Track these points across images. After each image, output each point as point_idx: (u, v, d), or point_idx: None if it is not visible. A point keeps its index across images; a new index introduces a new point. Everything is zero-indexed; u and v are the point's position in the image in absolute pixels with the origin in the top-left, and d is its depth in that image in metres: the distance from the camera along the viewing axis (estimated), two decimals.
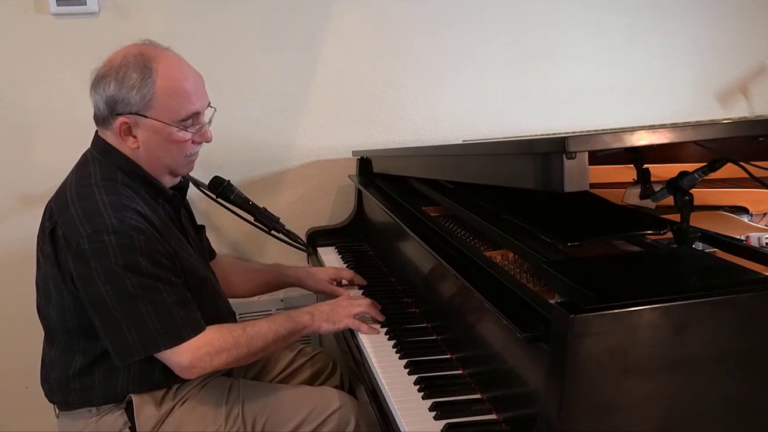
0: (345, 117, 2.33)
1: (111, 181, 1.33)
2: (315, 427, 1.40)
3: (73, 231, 1.24)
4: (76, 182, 1.34)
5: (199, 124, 1.39)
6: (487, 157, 1.25)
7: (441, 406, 1.15)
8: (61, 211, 1.29)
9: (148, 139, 1.34)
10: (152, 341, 1.25)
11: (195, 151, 1.43)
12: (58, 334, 1.38)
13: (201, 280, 1.42)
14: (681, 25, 2.53)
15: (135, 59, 1.31)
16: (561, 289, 1.10)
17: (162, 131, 1.34)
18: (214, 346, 1.29)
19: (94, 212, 1.25)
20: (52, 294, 1.34)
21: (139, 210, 1.30)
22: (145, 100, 1.30)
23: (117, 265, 1.22)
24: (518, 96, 2.46)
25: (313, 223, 2.30)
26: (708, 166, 1.13)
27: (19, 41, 2.05)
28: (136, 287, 1.23)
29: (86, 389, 1.36)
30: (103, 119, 1.35)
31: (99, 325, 1.26)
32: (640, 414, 0.89)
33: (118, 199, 1.29)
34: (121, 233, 1.23)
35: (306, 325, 1.42)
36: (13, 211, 2.13)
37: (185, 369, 1.28)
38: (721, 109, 2.63)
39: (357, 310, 1.48)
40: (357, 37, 2.29)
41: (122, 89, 1.30)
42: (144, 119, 1.32)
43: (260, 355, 1.39)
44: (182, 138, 1.36)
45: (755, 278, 0.99)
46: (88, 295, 1.25)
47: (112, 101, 1.31)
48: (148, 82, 1.30)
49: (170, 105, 1.32)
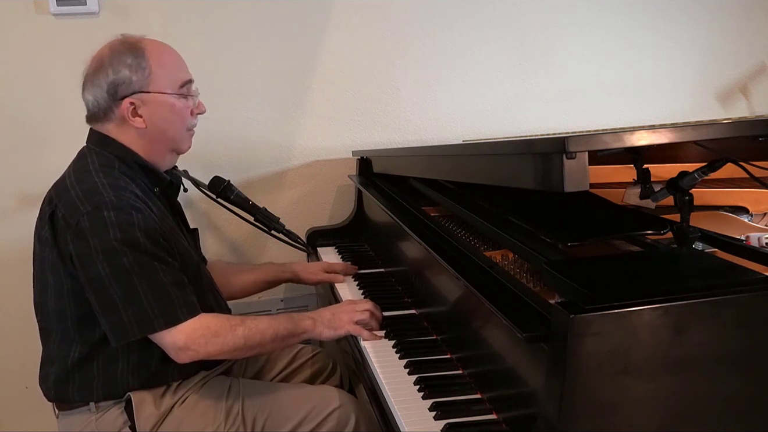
0: (345, 117, 2.33)
1: (109, 168, 1.37)
2: (315, 426, 1.40)
3: (73, 210, 1.27)
4: (75, 171, 1.38)
5: (192, 94, 1.47)
6: (487, 157, 1.25)
7: (441, 406, 1.15)
8: (60, 196, 1.32)
9: (154, 114, 1.40)
10: (148, 321, 1.26)
11: (194, 124, 1.50)
12: (54, 325, 1.38)
13: (196, 266, 1.45)
14: (681, 25, 2.54)
15: (122, 45, 1.39)
16: (561, 289, 1.11)
17: (165, 103, 1.41)
18: (210, 329, 1.30)
19: (94, 191, 1.29)
20: (49, 282, 1.35)
21: (137, 193, 1.34)
22: (145, 76, 1.38)
23: (116, 240, 1.24)
24: (518, 96, 2.46)
25: (313, 223, 2.30)
26: (708, 166, 1.13)
27: (19, 41, 2.05)
28: (133, 264, 1.25)
29: (85, 380, 1.36)
30: (104, 111, 1.40)
31: (96, 305, 1.28)
32: (640, 414, 0.89)
33: (116, 181, 1.33)
34: (120, 209, 1.26)
35: (307, 329, 1.43)
36: (13, 211, 2.13)
37: (180, 350, 1.28)
38: (721, 109, 2.63)
39: (359, 317, 1.48)
40: (357, 37, 2.29)
41: (121, 72, 1.37)
42: (147, 95, 1.39)
43: (256, 351, 1.39)
44: (184, 106, 1.44)
45: (755, 278, 0.99)
46: (86, 273, 1.26)
47: (113, 87, 1.37)
48: (142, 60, 1.38)
49: (167, 76, 1.41)
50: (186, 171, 1.95)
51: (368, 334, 1.46)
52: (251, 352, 1.38)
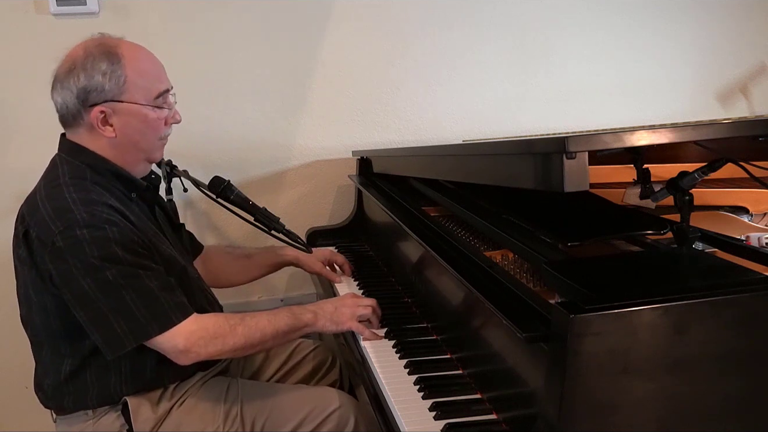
0: (345, 117, 2.33)
1: (80, 179, 1.32)
2: (314, 427, 1.40)
3: (46, 230, 1.24)
4: (45, 185, 1.34)
5: (167, 104, 1.41)
6: (487, 157, 1.25)
7: (441, 406, 1.15)
8: (32, 214, 1.29)
9: (125, 125, 1.34)
10: (141, 329, 1.24)
11: (167, 134, 1.44)
12: (44, 340, 1.37)
13: (182, 268, 1.42)
14: (681, 25, 2.54)
15: (98, 49, 1.32)
16: (561, 289, 1.11)
17: (138, 113, 1.35)
18: (209, 331, 1.29)
19: (64, 209, 1.25)
20: (32, 300, 1.33)
21: (111, 204, 1.29)
22: (119, 85, 1.31)
23: (94, 258, 1.21)
24: (518, 96, 2.46)
25: (313, 223, 2.30)
26: (708, 166, 1.13)
27: (19, 41, 2.05)
28: (116, 276, 1.22)
29: (80, 391, 1.35)
30: (74, 116, 1.34)
31: (85, 321, 1.25)
32: (640, 414, 0.89)
33: (87, 195, 1.29)
34: (93, 226, 1.23)
35: (308, 323, 1.41)
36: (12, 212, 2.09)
37: (181, 353, 1.27)
38: (721, 109, 2.63)
39: (361, 312, 1.47)
40: (357, 37, 2.29)
41: (93, 79, 1.30)
42: (120, 104, 1.32)
43: (257, 349, 1.38)
44: (157, 117, 1.38)
45: (755, 278, 0.99)
46: (70, 291, 1.24)
47: (84, 93, 1.31)
48: (118, 68, 1.31)
49: (143, 85, 1.34)
50: (186, 171, 1.95)
51: (369, 333, 1.45)
52: (252, 350, 1.37)
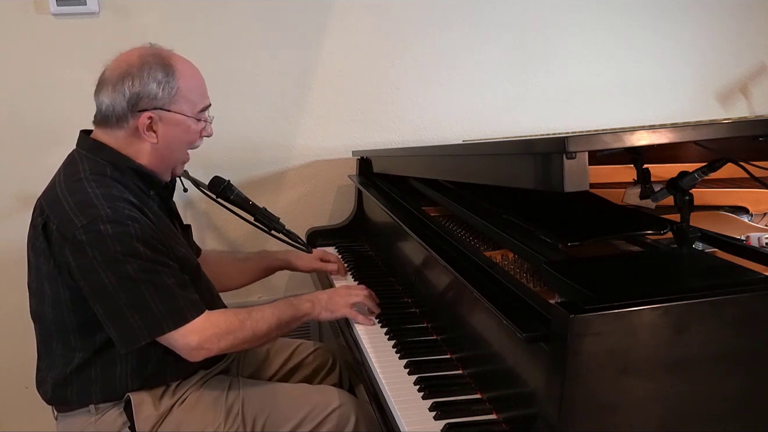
0: (345, 117, 2.33)
1: (100, 176, 1.35)
2: (315, 426, 1.40)
3: (68, 223, 1.25)
4: (65, 179, 1.35)
5: (204, 118, 1.47)
6: (487, 157, 1.25)
7: (441, 406, 1.15)
8: (52, 206, 1.30)
9: (167, 133, 1.39)
10: (156, 324, 1.26)
11: (197, 146, 1.49)
12: (53, 334, 1.38)
13: (195, 266, 1.46)
14: (681, 25, 2.53)
15: (154, 58, 1.37)
16: (561, 289, 1.11)
17: (182, 123, 1.40)
18: (220, 327, 1.32)
19: (88, 203, 1.27)
20: (45, 291, 1.35)
21: (131, 200, 1.32)
22: (170, 96, 1.37)
23: (116, 252, 1.24)
24: (518, 96, 2.46)
25: (313, 223, 2.30)
26: (708, 166, 1.13)
27: (19, 41, 2.05)
28: (137, 271, 1.25)
29: (84, 384, 1.36)
30: (118, 118, 1.36)
31: (102, 314, 1.27)
32: (640, 414, 0.89)
33: (109, 191, 1.31)
34: (116, 222, 1.25)
35: (307, 312, 1.47)
36: (12, 211, 2.14)
37: (194, 350, 1.30)
38: (721, 109, 2.63)
39: (354, 299, 1.53)
40: (357, 37, 2.29)
41: (148, 86, 1.35)
42: (168, 113, 1.38)
43: (263, 340, 1.41)
44: (197, 129, 1.44)
45: (755, 278, 0.99)
46: (89, 284, 1.26)
47: (135, 98, 1.35)
48: (172, 79, 1.37)
49: (191, 99, 1.41)
50: (186, 171, 1.95)
51: (363, 318, 1.51)
52: (259, 342, 1.41)
